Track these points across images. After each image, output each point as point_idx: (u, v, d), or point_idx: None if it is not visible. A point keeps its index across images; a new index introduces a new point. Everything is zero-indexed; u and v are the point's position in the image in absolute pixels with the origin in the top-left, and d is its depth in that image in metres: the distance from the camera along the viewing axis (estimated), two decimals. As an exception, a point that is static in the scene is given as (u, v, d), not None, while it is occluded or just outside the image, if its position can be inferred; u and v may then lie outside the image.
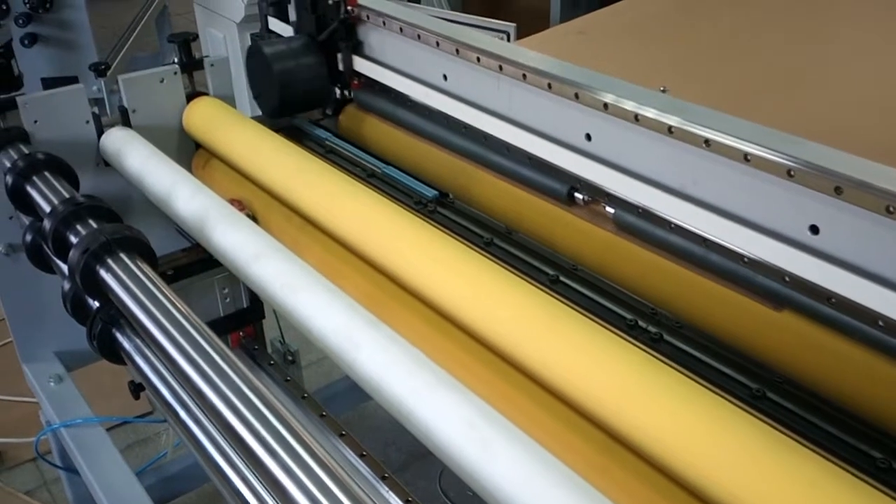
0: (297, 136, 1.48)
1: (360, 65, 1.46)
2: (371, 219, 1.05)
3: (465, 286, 0.92)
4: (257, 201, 1.28)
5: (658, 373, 0.76)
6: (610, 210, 1.09)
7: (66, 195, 1.15)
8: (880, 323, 0.79)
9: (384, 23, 1.37)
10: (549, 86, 1.09)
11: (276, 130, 1.41)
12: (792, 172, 0.83)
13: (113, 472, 1.29)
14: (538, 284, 0.98)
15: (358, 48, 1.46)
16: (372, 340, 0.86)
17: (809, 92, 1.37)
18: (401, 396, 0.81)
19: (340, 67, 1.47)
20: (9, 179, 1.22)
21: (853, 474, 0.69)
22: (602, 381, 0.78)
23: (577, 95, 1.05)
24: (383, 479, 1.18)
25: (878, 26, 1.59)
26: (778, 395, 0.83)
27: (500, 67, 1.16)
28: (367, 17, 1.41)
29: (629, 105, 0.99)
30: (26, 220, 1.29)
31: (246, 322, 1.59)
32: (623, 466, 0.78)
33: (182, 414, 0.92)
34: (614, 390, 0.77)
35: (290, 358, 1.70)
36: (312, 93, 1.47)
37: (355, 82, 1.48)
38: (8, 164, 1.25)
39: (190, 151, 1.48)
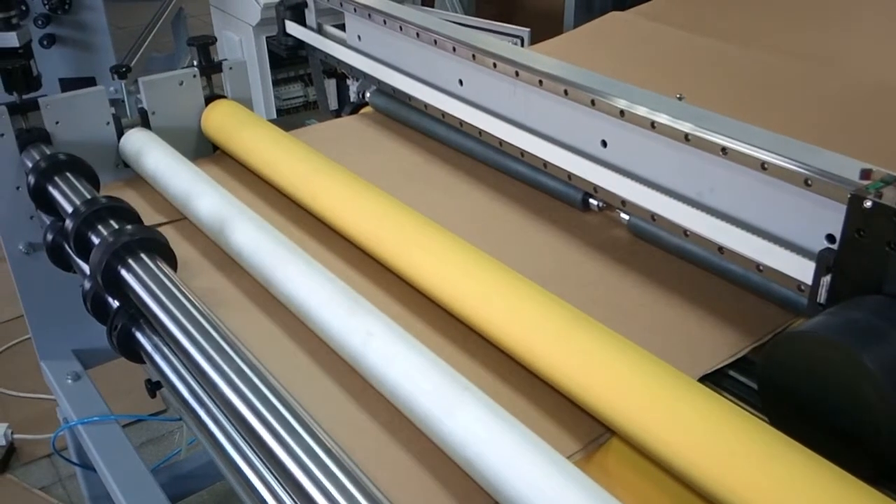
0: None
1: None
2: (389, 221, 1.06)
3: (481, 289, 0.92)
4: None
5: (671, 378, 0.76)
6: (625, 217, 1.09)
7: (88, 196, 1.17)
8: None
9: (401, 27, 1.38)
10: (566, 92, 1.10)
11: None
12: (809, 181, 0.83)
13: (129, 468, 1.30)
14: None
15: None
16: (386, 341, 0.86)
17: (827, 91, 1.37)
18: (410, 393, 0.81)
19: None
20: (31, 179, 1.24)
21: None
22: (613, 384, 0.78)
23: (593, 102, 1.06)
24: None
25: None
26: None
27: (517, 73, 1.17)
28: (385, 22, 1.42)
29: (645, 112, 1.00)
30: (47, 219, 1.31)
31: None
32: (634, 468, 0.78)
33: (200, 412, 0.93)
34: (624, 393, 0.77)
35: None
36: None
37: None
38: (30, 165, 1.27)
39: (208, 153, 1.50)
